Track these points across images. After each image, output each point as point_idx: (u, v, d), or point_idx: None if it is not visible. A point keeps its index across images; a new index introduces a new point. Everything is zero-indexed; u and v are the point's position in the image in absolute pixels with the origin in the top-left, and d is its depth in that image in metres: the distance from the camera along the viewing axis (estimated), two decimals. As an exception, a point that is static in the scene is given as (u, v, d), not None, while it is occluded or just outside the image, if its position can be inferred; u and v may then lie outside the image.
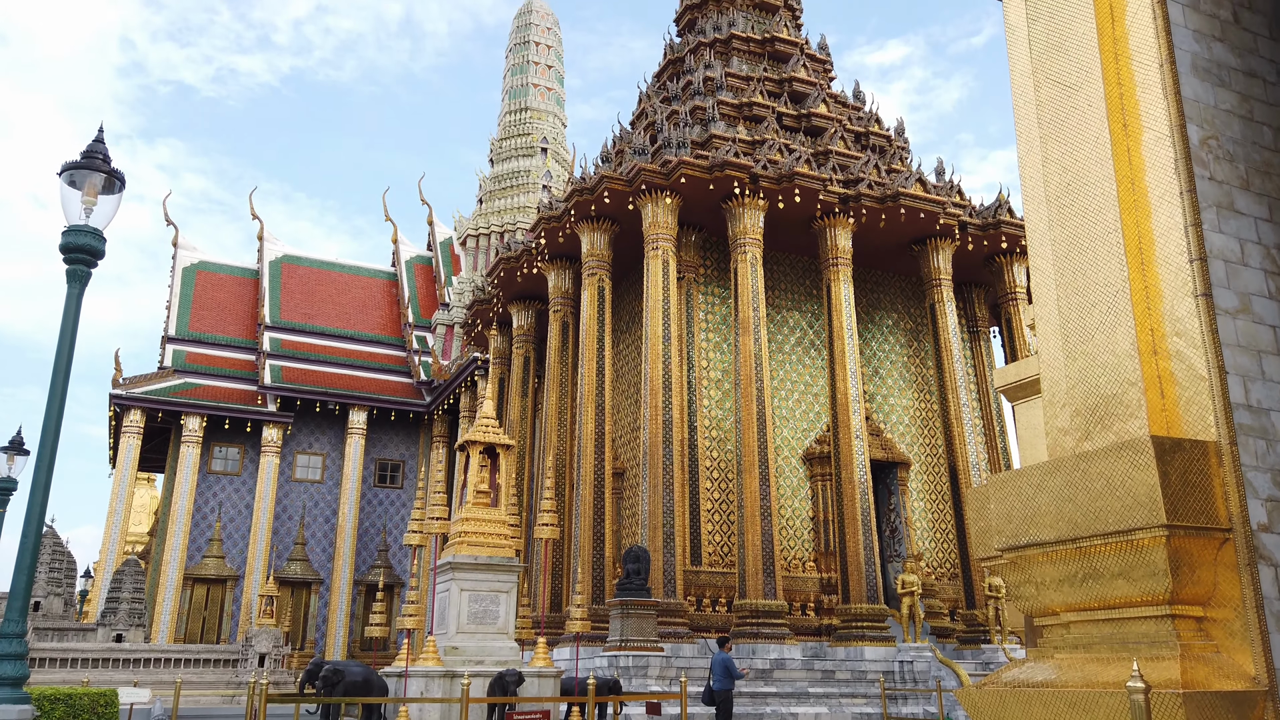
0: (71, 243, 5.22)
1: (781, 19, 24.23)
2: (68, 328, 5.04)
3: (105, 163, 5.28)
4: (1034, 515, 4.28)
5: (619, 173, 18.21)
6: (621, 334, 21.00)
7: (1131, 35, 4.57)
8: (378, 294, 39.89)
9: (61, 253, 5.26)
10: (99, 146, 5.36)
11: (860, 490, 16.80)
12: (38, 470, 4.78)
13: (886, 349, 20.82)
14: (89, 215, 5.33)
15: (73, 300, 5.11)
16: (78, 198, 5.30)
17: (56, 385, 4.87)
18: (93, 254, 5.29)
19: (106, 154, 5.31)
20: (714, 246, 19.72)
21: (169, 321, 35.14)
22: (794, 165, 18.00)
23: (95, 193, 5.31)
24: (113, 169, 5.34)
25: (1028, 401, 11.34)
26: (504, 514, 10.41)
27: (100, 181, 5.33)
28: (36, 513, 4.67)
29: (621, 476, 19.34)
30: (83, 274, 5.25)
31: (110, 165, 5.32)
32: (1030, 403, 11.26)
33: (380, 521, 34.23)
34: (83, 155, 5.29)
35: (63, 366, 4.95)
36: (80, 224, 5.27)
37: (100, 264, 5.31)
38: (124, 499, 30.44)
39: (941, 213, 18.91)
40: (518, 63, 43.21)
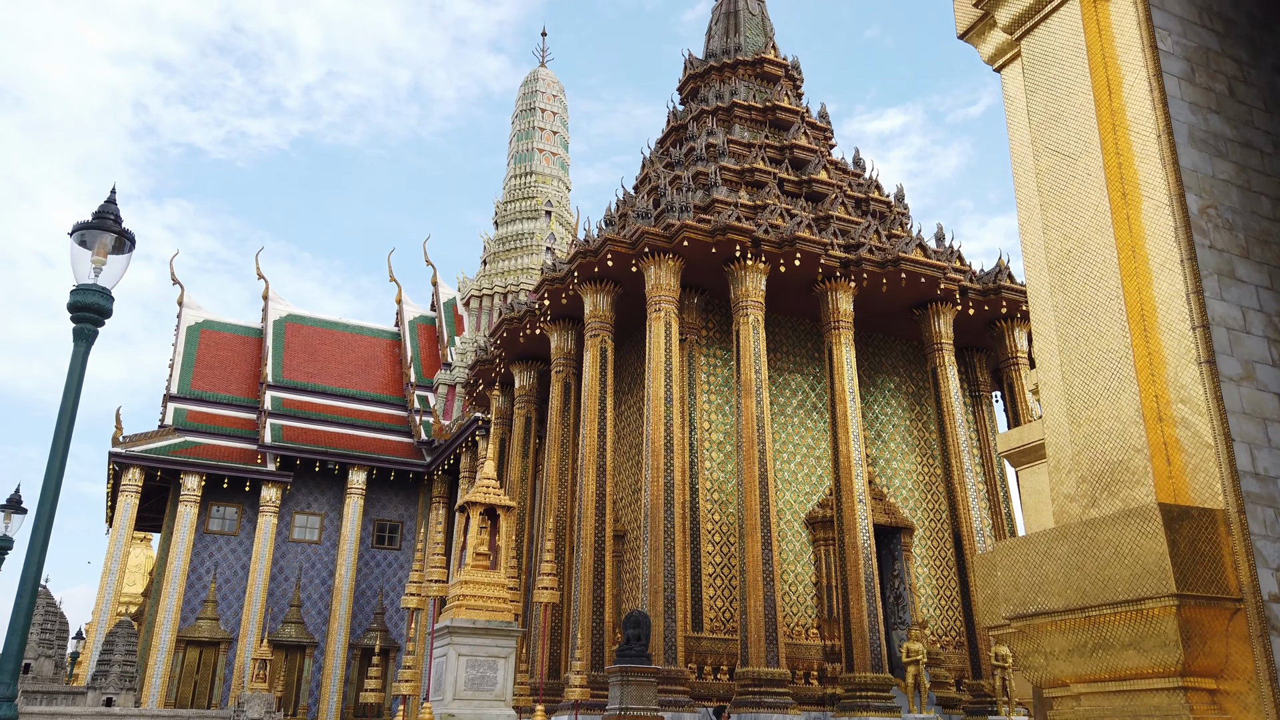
0: (79, 301, 5.25)
1: (782, 88, 24.72)
2: (72, 385, 5.04)
3: (116, 223, 5.34)
4: (1042, 583, 4.23)
5: (622, 235, 18.40)
6: (623, 395, 20.99)
7: (1129, 107, 4.66)
8: (380, 353, 40.01)
9: (69, 311, 5.29)
10: (111, 207, 5.43)
11: (864, 555, 16.61)
12: (35, 530, 4.73)
13: (889, 412, 20.78)
14: (98, 274, 5.37)
15: (78, 358, 5.12)
16: (87, 257, 5.35)
17: (58, 444, 4.85)
18: (100, 313, 5.32)
19: (118, 214, 5.37)
20: (716, 309, 19.83)
21: (171, 379, 35.19)
22: (795, 229, 18.19)
23: (105, 252, 5.37)
24: (123, 229, 5.40)
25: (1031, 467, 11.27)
26: (503, 577, 10.29)
27: (110, 241, 5.38)
28: (33, 574, 4.61)
29: (622, 539, 19.15)
30: (89, 332, 5.27)
31: (121, 225, 5.38)
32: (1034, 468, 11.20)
33: (377, 584, 33.80)
34: (94, 215, 5.35)
35: (65, 424, 4.93)
36: (89, 283, 5.32)
37: (107, 323, 5.34)
38: (119, 558, 30.11)
39: (942, 278, 19.05)
40: (523, 128, 43.98)
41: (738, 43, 25.95)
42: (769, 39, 26.32)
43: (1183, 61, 4.64)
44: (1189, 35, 4.75)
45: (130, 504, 30.37)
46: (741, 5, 27.15)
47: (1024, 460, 11.29)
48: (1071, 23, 4.95)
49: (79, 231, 5.32)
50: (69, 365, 5.11)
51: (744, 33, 26.39)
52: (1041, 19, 5.13)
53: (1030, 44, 5.18)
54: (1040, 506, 11.12)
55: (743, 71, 25.30)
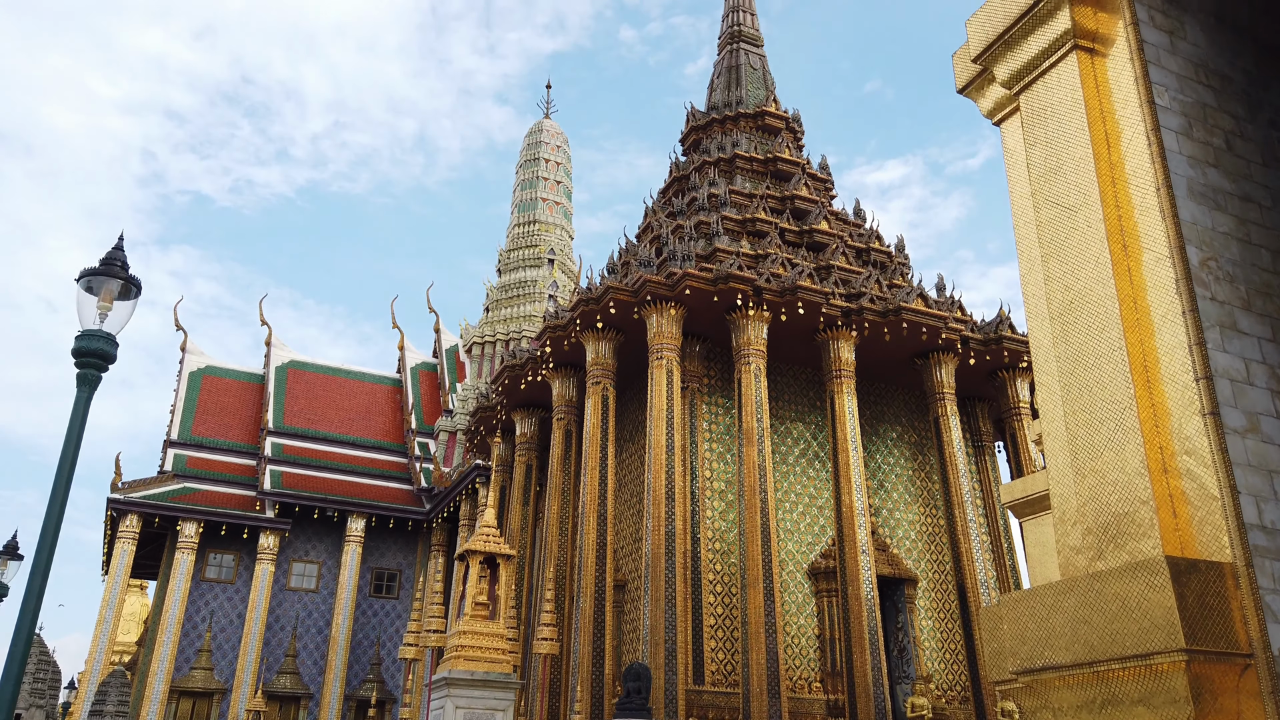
0: (84, 347, 5.26)
1: (783, 140, 25.03)
2: (74, 431, 5.03)
3: (123, 269, 5.37)
4: (1049, 637, 4.18)
5: (624, 283, 18.50)
6: (624, 443, 20.93)
7: (1128, 160, 4.71)
8: (382, 400, 39.98)
9: (73, 356, 5.30)
10: (118, 254, 5.47)
11: (867, 608, 16.42)
12: (32, 576, 4.68)
13: (891, 462, 20.69)
14: (103, 320, 5.39)
15: (80, 404, 5.12)
16: (93, 303, 5.38)
17: (58, 490, 4.82)
18: (104, 359, 5.33)
19: (125, 261, 5.41)
20: (717, 357, 19.86)
21: (172, 425, 35.13)
22: (797, 279, 18.29)
23: (111, 298, 5.39)
24: (130, 276, 5.43)
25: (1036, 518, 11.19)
26: (502, 627, 10.15)
27: (117, 288, 5.41)
28: (29, 621, 4.55)
29: (623, 589, 18.95)
30: (93, 378, 5.28)
31: (128, 272, 5.41)
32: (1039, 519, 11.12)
33: (374, 633, 33.37)
34: (102, 262, 5.39)
35: (66, 470, 4.91)
36: (94, 329, 5.34)
37: (110, 368, 5.35)
38: (114, 606, 29.78)
39: (943, 327, 19.10)
40: (527, 178, 44.47)
41: (739, 96, 26.34)
42: (770, 92, 26.72)
43: (1180, 117, 4.70)
44: (1186, 91, 4.82)
45: (127, 551, 30.13)
46: (743, 60, 27.61)
47: (1028, 511, 11.19)
48: (1069, 78, 5.03)
49: (86, 278, 5.36)
50: (71, 410, 5.10)
51: (745, 86, 26.80)
52: (1039, 75, 5.21)
53: (1029, 99, 5.26)
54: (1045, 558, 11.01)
55: (744, 124, 25.64)
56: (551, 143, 45.57)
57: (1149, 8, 5.03)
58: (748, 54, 27.79)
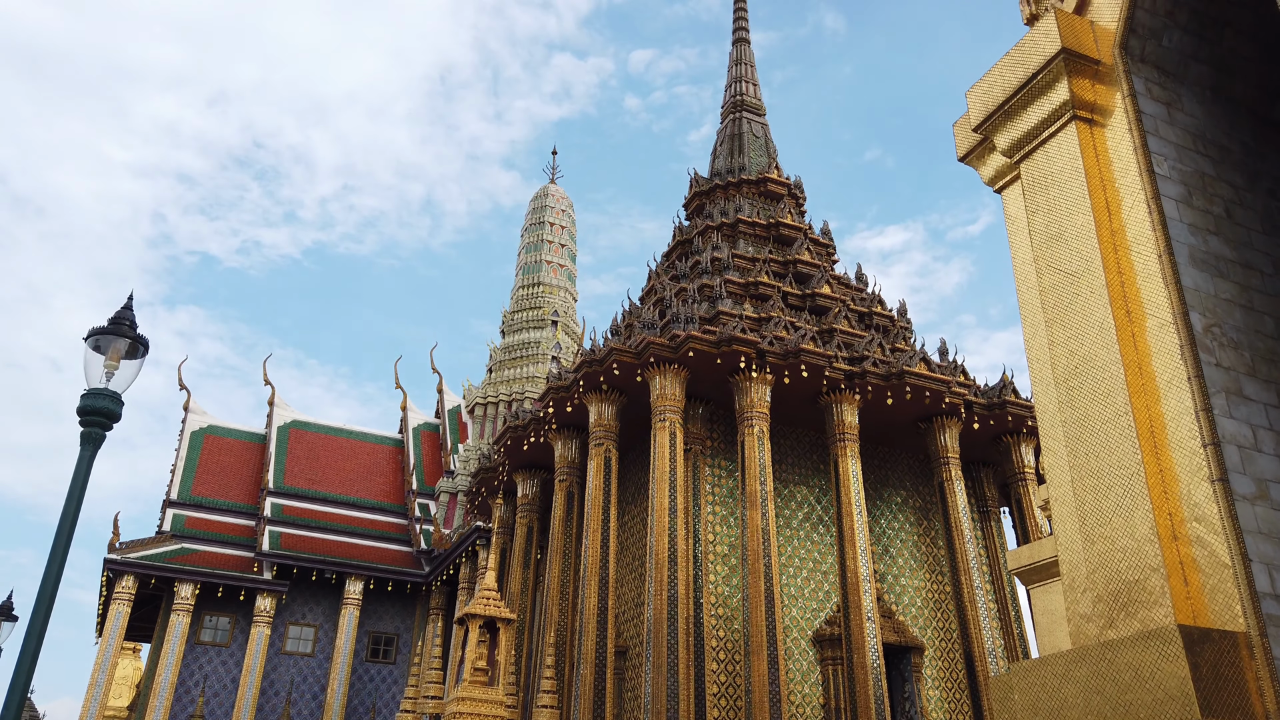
0: (89, 405, 5.27)
1: (785, 206, 25.33)
2: (76, 489, 5.01)
3: (131, 328, 5.41)
4: (1060, 708, 4.10)
5: (628, 345, 18.56)
6: (626, 506, 20.77)
7: (1129, 228, 4.76)
8: (383, 460, 39.81)
9: (78, 415, 5.30)
10: (127, 313, 5.51)
11: (873, 676, 16.11)
12: (28, 638, 4.61)
13: (896, 527, 20.49)
14: (109, 379, 5.41)
15: (83, 462, 5.10)
16: (100, 362, 5.40)
17: (58, 549, 4.78)
18: (109, 417, 5.34)
19: (133, 320, 5.45)
20: (721, 419, 19.81)
21: (172, 485, 34.94)
22: (800, 342, 18.34)
23: (119, 357, 5.41)
24: (137, 335, 5.46)
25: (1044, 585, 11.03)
26: (502, 694, 9.94)
27: (124, 347, 5.44)
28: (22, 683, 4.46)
29: (624, 655, 18.62)
30: (97, 436, 5.27)
31: (135, 331, 5.45)
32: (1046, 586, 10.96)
33: (370, 700, 32.71)
34: (111, 321, 5.43)
35: (66, 529, 4.87)
36: (100, 387, 5.35)
37: (115, 427, 5.35)
38: (107, 669, 29.28)
39: (946, 391, 19.08)
40: (532, 240, 44.93)
41: (742, 163, 26.75)
42: (772, 159, 27.13)
43: (1180, 185, 4.76)
44: (1184, 160, 4.90)
45: (122, 612, 29.73)
46: (745, 128, 28.09)
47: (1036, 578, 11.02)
48: (1069, 148, 5.11)
49: (94, 337, 5.39)
50: (74, 469, 5.09)
51: (748, 153, 27.24)
52: (1039, 144, 5.30)
53: (1029, 167, 5.33)
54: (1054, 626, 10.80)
55: (747, 190, 25.99)
56: (556, 206, 46.16)
57: (1146, 80, 5.13)
58: (750, 122, 28.28)
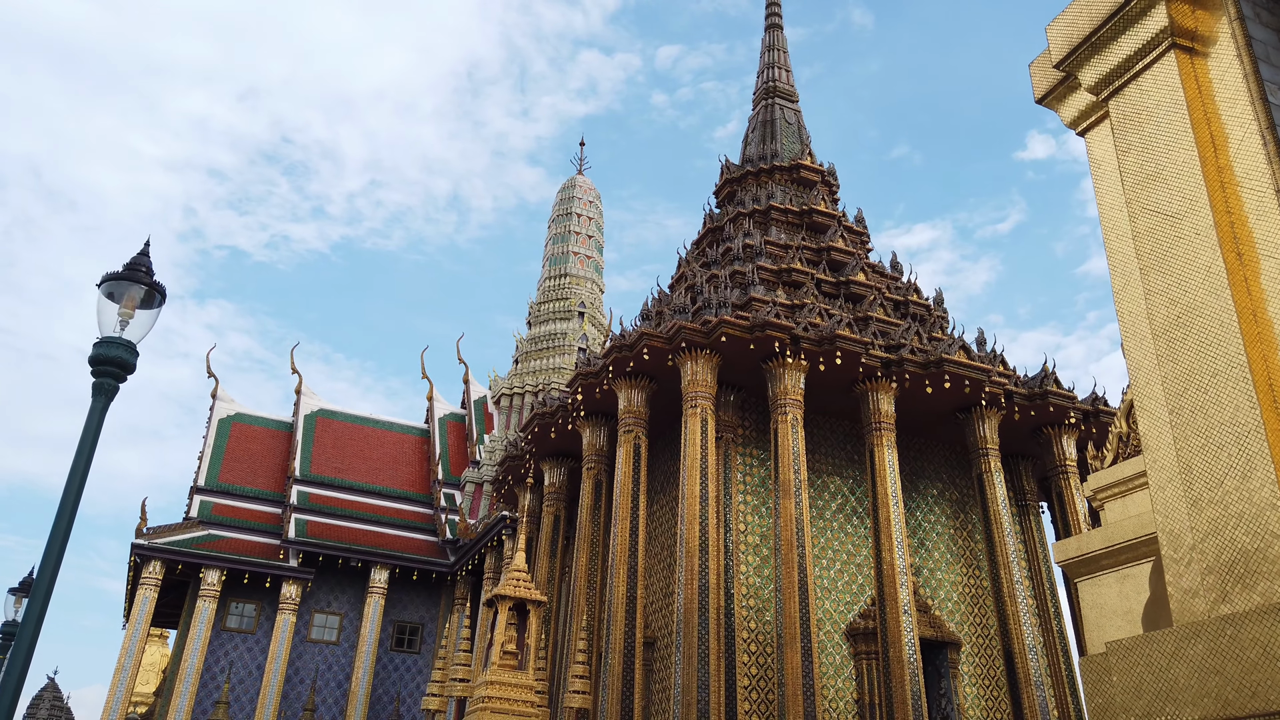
0: (102, 354, 4.94)
1: (819, 193, 24.84)
2: (86, 443, 4.69)
3: (147, 275, 5.09)
4: (1170, 690, 3.66)
5: (659, 330, 18.16)
6: (655, 495, 20.38)
7: (1238, 163, 4.30)
8: (409, 450, 39.68)
9: (90, 364, 4.98)
10: (143, 259, 5.20)
11: (910, 671, 15.62)
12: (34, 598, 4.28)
13: (932, 520, 19.96)
14: (124, 329, 5.10)
15: (95, 414, 4.79)
16: (114, 310, 5.08)
17: (67, 503, 4.47)
18: (123, 367, 5.01)
19: (150, 266, 5.13)
20: (753, 407, 19.38)
21: (199, 472, 34.96)
22: (835, 328, 17.87)
23: (133, 305, 5.10)
24: (154, 282, 5.14)
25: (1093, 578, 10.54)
26: (531, 678, 9.60)
27: (140, 295, 5.12)
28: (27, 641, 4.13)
29: (652, 647, 18.24)
30: (109, 387, 4.95)
31: (152, 278, 5.13)
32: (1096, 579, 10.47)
33: (394, 689, 32.57)
34: (125, 267, 5.12)
35: (76, 483, 4.56)
36: (113, 336, 5.03)
37: (129, 379, 5.03)
38: (134, 654, 29.29)
39: (986, 380, 18.53)
40: (560, 232, 44.64)
41: (774, 149, 26.26)
42: (805, 146, 26.62)
43: (1300, 112, 4.30)
44: (1305, 85, 4.42)
45: (149, 598, 29.73)
46: (778, 114, 27.60)
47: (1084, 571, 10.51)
48: (1167, 79, 4.64)
49: (108, 283, 5.07)
50: (85, 421, 4.78)
51: (780, 140, 26.74)
52: (1132, 77, 4.83)
53: (1120, 104, 4.88)
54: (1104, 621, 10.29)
55: (779, 177, 25.50)
56: (584, 198, 45.86)
57: (1253, 4, 4.65)
58: (782, 109, 27.79)
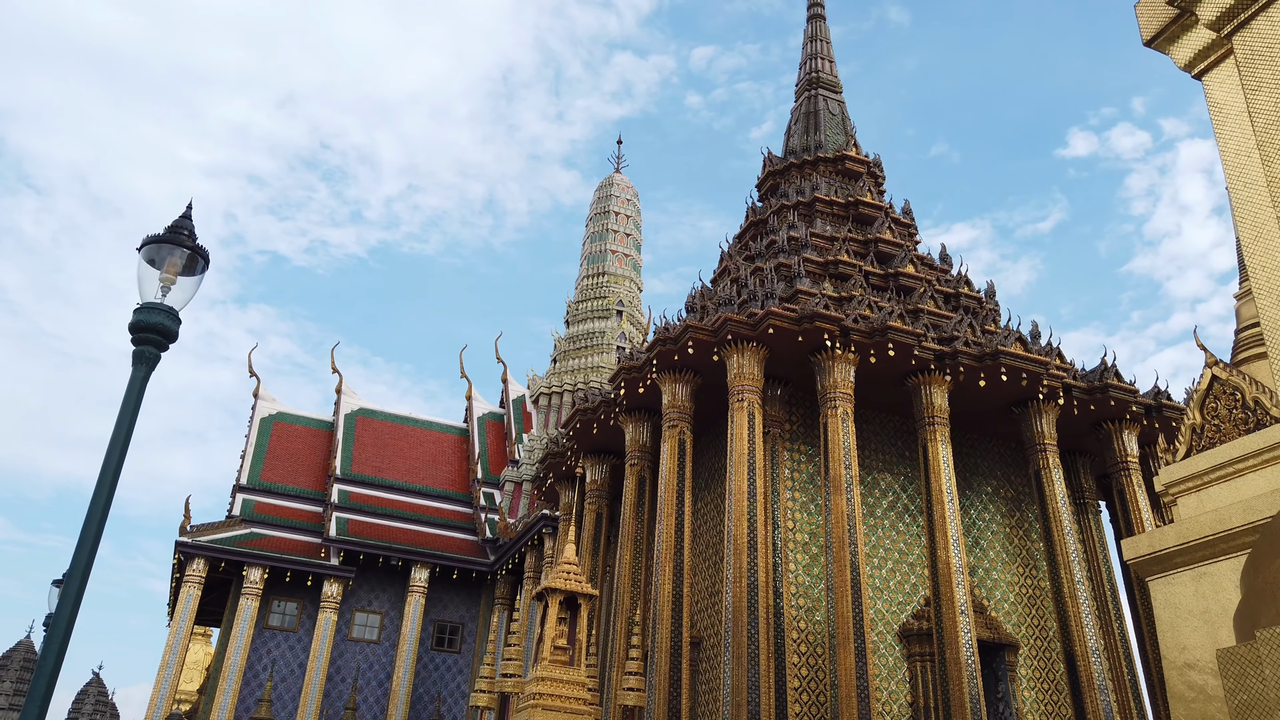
0: (143, 321, 4.68)
1: (864, 184, 24.30)
2: (126, 415, 4.42)
3: (190, 238, 4.82)
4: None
5: (704, 323, 17.76)
6: (700, 492, 19.98)
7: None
8: (449, 449, 39.62)
9: (130, 332, 4.72)
10: (185, 222, 4.92)
11: (968, 674, 15.06)
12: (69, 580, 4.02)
13: (986, 518, 19.34)
14: (165, 296, 4.84)
15: (136, 384, 4.52)
16: (155, 277, 4.81)
17: (106, 477, 4.21)
18: (164, 335, 4.74)
19: (192, 229, 4.86)
20: (800, 402, 18.91)
21: (242, 470, 35.15)
22: (886, 319, 17.36)
23: (175, 271, 4.83)
24: (197, 246, 4.85)
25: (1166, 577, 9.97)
26: (583, 674, 9.26)
27: (182, 260, 4.84)
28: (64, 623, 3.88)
29: (698, 647, 17.83)
30: (151, 356, 4.68)
31: (195, 241, 4.86)
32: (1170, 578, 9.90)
33: (435, 689, 32.45)
34: (167, 230, 4.86)
35: (117, 456, 4.31)
36: (154, 302, 4.77)
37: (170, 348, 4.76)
38: (178, 651, 29.44)
39: (1044, 373, 17.90)
40: (597, 230, 44.38)
41: (818, 140, 25.76)
42: (850, 137, 26.08)
43: None
44: None
45: (192, 595, 29.88)
46: (821, 105, 27.08)
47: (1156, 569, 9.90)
48: (1304, 5, 4.18)
49: (148, 246, 4.80)
50: (125, 392, 4.52)
51: (824, 131, 26.22)
52: (1260, 9, 4.37)
53: (1246, 39, 4.41)
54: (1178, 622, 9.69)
55: (823, 168, 24.99)
56: (621, 196, 45.58)
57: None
58: (826, 100, 27.27)
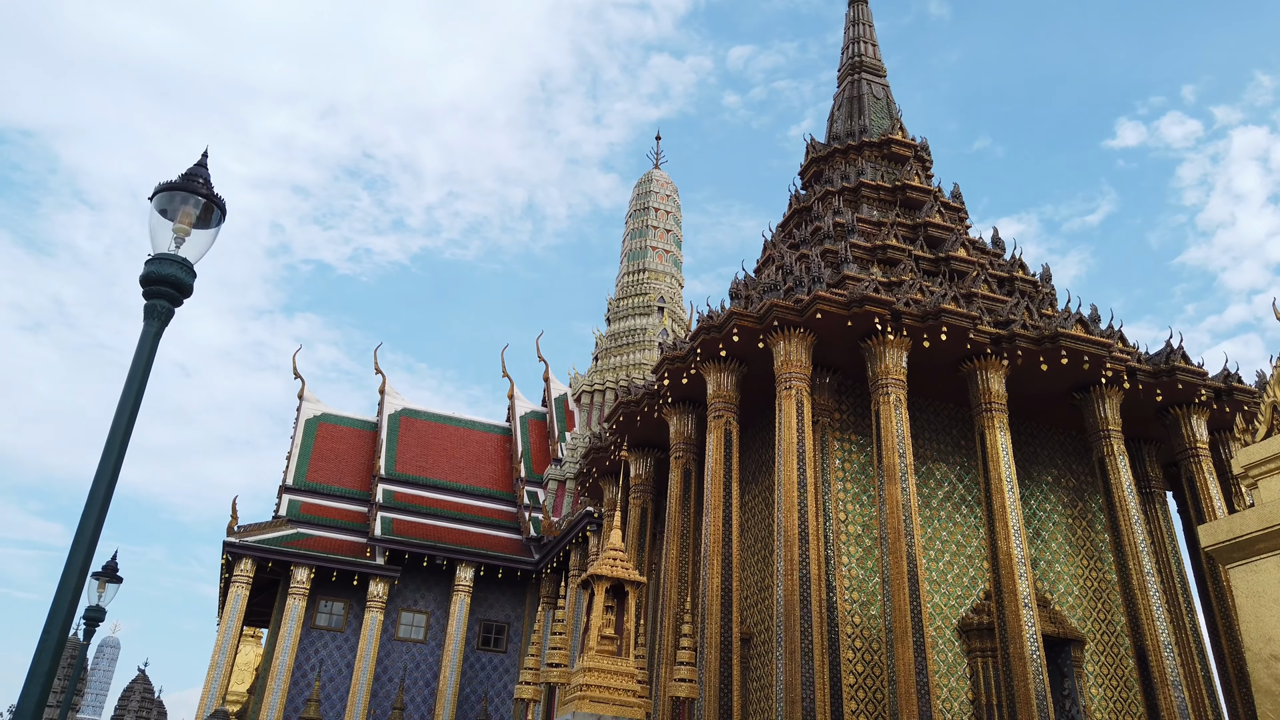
0: (155, 272, 4.35)
1: (912, 168, 23.63)
2: (137, 372, 4.10)
3: (205, 187, 4.48)
4: None
5: (749, 310, 17.28)
6: (747, 485, 19.47)
7: None
8: (491, 448, 39.50)
9: (141, 284, 4.40)
10: (200, 170, 4.59)
11: (1034, 670, 14.39)
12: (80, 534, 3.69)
13: (1047, 509, 18.59)
14: (178, 248, 4.52)
15: (148, 340, 4.20)
16: (168, 228, 4.48)
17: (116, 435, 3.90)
18: (178, 288, 4.42)
19: (208, 178, 4.53)
20: (849, 390, 18.33)
21: (288, 471, 35.30)
22: (939, 302, 16.73)
23: (189, 223, 4.50)
24: (213, 195, 4.51)
25: (1249, 564, 9.29)
26: (632, 665, 8.85)
27: (196, 210, 4.52)
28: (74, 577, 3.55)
29: (747, 643, 17.34)
30: (163, 310, 4.36)
31: (210, 190, 4.52)
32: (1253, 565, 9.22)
33: (481, 688, 32.26)
34: (182, 177, 4.53)
35: (127, 415, 3.99)
36: (167, 253, 4.44)
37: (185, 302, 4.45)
38: (227, 651, 29.56)
39: (1107, 356, 17.13)
40: (637, 227, 44.03)
41: (863, 124, 25.15)
42: (895, 121, 25.41)
43: None
44: None
45: (240, 595, 29.99)
46: (865, 90, 26.45)
47: (1237, 556, 9.19)
48: None
49: (161, 194, 4.47)
50: (136, 348, 4.21)
51: (868, 115, 25.60)
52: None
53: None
54: (1262, 611, 8.96)
55: (868, 153, 24.37)
56: (661, 192, 45.20)
57: None
58: (869, 84, 26.64)
